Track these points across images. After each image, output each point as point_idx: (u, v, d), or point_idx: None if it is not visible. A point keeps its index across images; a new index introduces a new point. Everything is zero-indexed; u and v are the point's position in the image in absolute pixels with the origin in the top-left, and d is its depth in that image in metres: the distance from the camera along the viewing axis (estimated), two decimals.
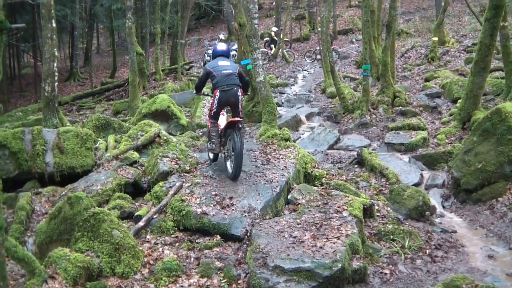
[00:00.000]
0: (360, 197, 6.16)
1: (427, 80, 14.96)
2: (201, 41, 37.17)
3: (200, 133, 11.59)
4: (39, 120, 10.75)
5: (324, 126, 12.05)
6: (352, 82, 17.58)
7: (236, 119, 6.25)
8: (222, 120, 6.84)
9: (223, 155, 6.56)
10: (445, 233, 5.97)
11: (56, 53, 9.47)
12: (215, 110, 6.56)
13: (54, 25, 9.32)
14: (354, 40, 27.75)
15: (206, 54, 27.27)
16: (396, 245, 5.26)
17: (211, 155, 6.98)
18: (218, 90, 6.38)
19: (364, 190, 7.24)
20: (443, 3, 18.36)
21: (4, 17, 2.38)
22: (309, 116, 13.20)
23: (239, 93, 6.47)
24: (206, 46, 32.26)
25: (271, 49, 25.76)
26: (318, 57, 25.41)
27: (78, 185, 6.56)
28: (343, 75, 19.02)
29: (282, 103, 15.80)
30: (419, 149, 9.42)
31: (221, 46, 7.11)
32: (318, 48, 26.29)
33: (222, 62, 6.66)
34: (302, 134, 11.63)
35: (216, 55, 6.93)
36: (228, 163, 6.28)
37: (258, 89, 9.01)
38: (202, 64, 27.48)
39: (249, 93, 9.88)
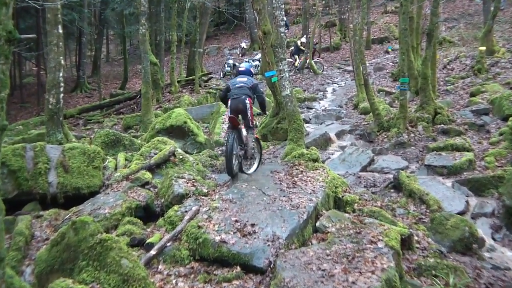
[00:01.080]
0: (397, 226, 6.09)
1: (473, 94, 14.78)
2: (221, 50, 37.62)
3: (219, 152, 11.64)
4: (42, 135, 10.93)
5: (356, 145, 12.03)
6: (387, 96, 17.53)
7: (236, 121, 8.08)
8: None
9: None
10: (497, 270, 5.81)
11: (62, 62, 9.66)
12: (228, 115, 8.34)
13: (60, 31, 9.53)
14: (390, 49, 27.71)
15: (226, 65, 27.62)
16: (439, 282, 5.15)
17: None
18: (230, 99, 8.38)
19: (401, 218, 7.15)
20: (492, 8, 18.17)
21: (13, 26, 2.44)
22: (339, 134, 13.15)
23: (247, 101, 8.23)
24: (226, 55, 32.69)
25: (295, 59, 25.91)
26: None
27: (84, 208, 6.61)
28: (378, 88, 18.97)
29: (310, 119, 15.82)
30: (464, 173, 9.26)
31: (242, 67, 9.27)
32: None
33: (239, 78, 8.68)
34: (332, 154, 11.59)
35: (238, 73, 9.09)
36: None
37: (283, 104, 9.05)
38: (221, 76, 27.78)
39: (267, 112, 10.49)
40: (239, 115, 8.40)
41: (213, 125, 14.07)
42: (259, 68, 25.58)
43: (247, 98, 8.32)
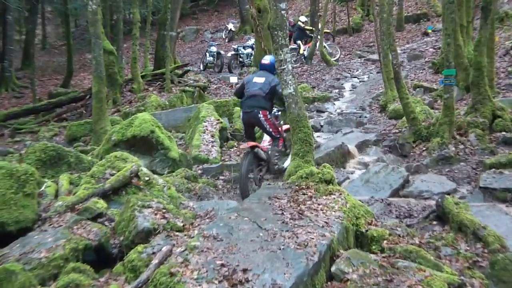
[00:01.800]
0: (443, 271, 6.08)
1: None
2: (201, 33, 37.80)
3: (200, 171, 11.65)
4: None
5: (384, 161, 12.13)
6: (427, 94, 17.73)
7: (251, 144, 9.98)
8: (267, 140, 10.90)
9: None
10: None
11: None
12: (244, 129, 10.68)
13: None
14: (430, 30, 27.80)
15: (207, 53, 27.75)
16: None
17: None
18: (241, 110, 10.27)
19: (448, 260, 7.12)
20: None
21: None
22: (361, 146, 13.33)
23: (260, 115, 9.90)
24: (208, 41, 32.80)
25: (298, 46, 26.02)
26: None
27: (10, 252, 6.49)
28: (413, 84, 19.17)
29: (321, 126, 15.98)
30: None
31: (265, 60, 10.58)
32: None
33: (257, 79, 10.21)
34: (352, 174, 11.72)
35: (260, 68, 10.64)
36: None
37: (285, 106, 9.04)
38: (201, 68, 27.91)
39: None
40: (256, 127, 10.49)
41: (190, 136, 14.09)
42: (251, 57, 25.68)
43: (260, 112, 9.99)
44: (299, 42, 26.19)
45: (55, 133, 17.87)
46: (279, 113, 11.18)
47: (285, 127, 11.23)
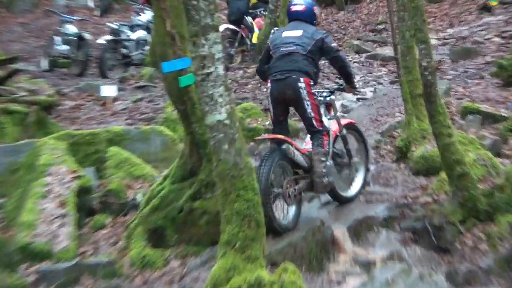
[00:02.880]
0: None
1: None
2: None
3: (34, 277, 11.02)
4: None
5: (404, 259, 11.40)
6: (487, 128, 17.10)
7: (278, 136, 10.56)
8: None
9: None
10: None
11: None
12: (271, 110, 11.35)
13: None
14: (494, 2, 28.31)
15: (59, 38, 27.83)
16: None
17: None
18: (270, 78, 11.00)
19: None
20: None
21: None
22: (359, 229, 12.47)
23: (300, 83, 10.47)
24: (60, 13, 32.05)
25: (250, 26, 26.39)
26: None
27: None
28: (462, 106, 18.56)
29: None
30: None
31: (298, 5, 11.53)
32: None
33: (289, 33, 11.17)
34: (339, 284, 10.93)
35: (289, 18, 11.86)
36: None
37: (210, 147, 8.53)
38: (46, 65, 28.27)
39: (356, 86, 13.90)
40: (289, 108, 11.29)
41: (16, 202, 13.32)
42: (145, 48, 25.23)
43: (300, 79, 10.52)
44: (249, 19, 26.04)
45: None
46: (333, 97, 12.29)
47: (345, 121, 12.52)
